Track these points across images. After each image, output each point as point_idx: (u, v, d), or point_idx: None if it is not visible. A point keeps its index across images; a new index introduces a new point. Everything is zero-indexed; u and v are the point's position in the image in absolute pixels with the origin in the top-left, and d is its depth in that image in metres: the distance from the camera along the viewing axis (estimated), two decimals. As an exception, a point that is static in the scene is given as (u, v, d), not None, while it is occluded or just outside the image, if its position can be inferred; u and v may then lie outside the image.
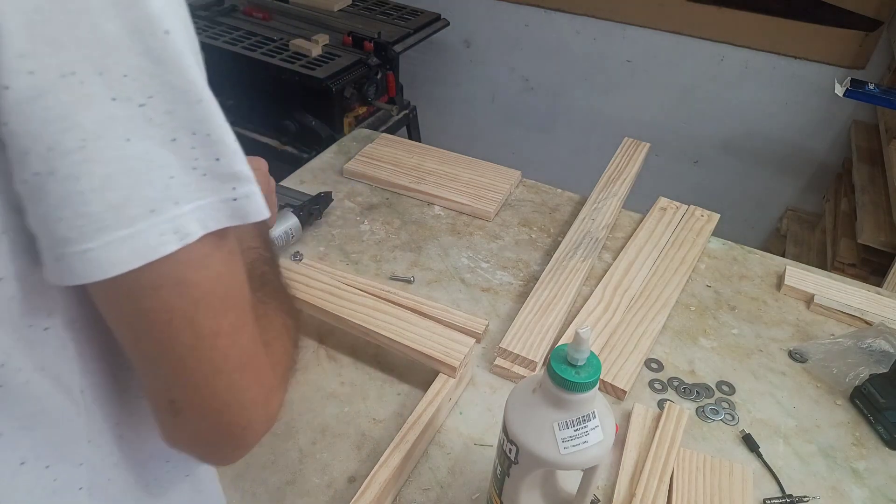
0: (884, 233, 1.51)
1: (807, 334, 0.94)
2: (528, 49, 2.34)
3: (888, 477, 0.75)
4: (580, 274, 0.97)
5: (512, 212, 1.16)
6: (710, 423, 0.80)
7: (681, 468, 0.72)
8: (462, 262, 1.03)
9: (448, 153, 1.27)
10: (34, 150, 0.29)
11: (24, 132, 0.29)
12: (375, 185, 1.19)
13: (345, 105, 1.83)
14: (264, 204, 0.35)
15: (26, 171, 0.30)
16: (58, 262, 0.31)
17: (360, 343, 0.87)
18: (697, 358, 0.89)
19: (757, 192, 2.23)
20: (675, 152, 2.28)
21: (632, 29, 2.14)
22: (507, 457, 0.57)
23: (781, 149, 2.12)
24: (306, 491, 0.69)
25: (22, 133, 0.29)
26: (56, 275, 0.31)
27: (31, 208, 0.30)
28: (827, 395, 0.85)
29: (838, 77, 1.52)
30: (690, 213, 1.13)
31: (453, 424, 0.78)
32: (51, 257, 0.31)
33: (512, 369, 0.83)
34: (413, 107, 2.14)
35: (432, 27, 2.11)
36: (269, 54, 1.80)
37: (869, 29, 1.84)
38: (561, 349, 0.53)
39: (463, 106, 2.60)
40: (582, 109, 2.38)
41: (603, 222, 1.08)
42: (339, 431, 0.76)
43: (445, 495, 0.70)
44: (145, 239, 0.31)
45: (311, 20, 2.07)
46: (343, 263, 1.01)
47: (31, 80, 0.28)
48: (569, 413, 0.54)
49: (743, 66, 2.05)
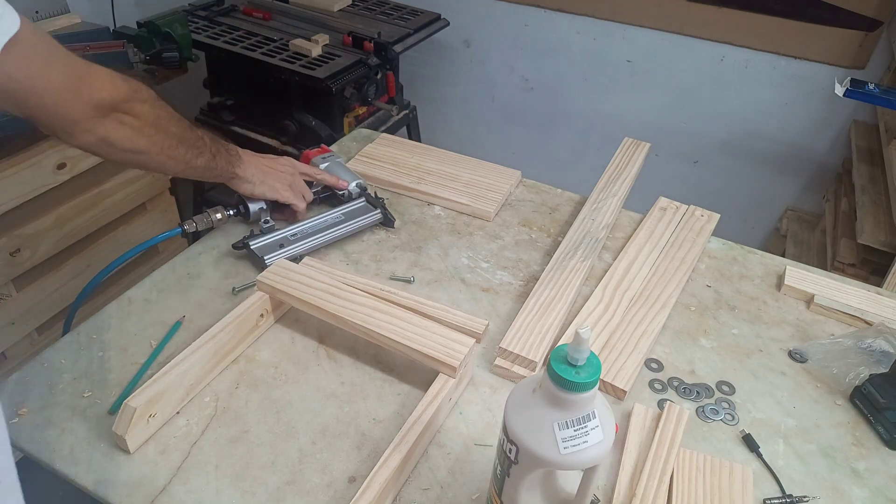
0: (884, 233, 1.50)
1: (807, 334, 0.94)
2: (528, 49, 2.34)
3: (888, 477, 0.75)
4: (580, 274, 0.97)
5: (512, 212, 1.16)
6: (710, 423, 0.80)
7: (681, 468, 0.72)
8: (462, 262, 1.03)
9: (448, 153, 1.27)
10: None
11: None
12: (375, 185, 1.19)
13: (345, 105, 1.83)
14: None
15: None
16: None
17: (360, 343, 0.87)
18: (697, 358, 0.89)
19: (757, 192, 2.23)
20: (675, 152, 2.28)
21: (632, 29, 2.14)
22: (507, 457, 0.57)
23: (781, 149, 2.12)
24: (306, 491, 0.69)
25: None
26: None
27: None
28: (827, 395, 0.85)
29: (838, 77, 1.52)
30: (690, 213, 1.13)
31: (453, 424, 0.78)
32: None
33: (512, 369, 0.83)
34: (413, 107, 2.14)
35: (432, 27, 2.11)
36: (269, 54, 1.80)
37: (869, 29, 1.84)
38: (561, 349, 0.53)
39: (463, 106, 2.60)
40: (582, 109, 2.38)
41: (603, 222, 1.08)
42: (339, 431, 0.76)
43: (445, 495, 0.70)
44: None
45: (311, 20, 2.07)
46: (343, 263, 1.01)
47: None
48: (569, 413, 0.54)
49: (743, 66, 2.05)
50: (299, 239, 1.01)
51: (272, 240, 1.00)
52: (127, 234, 1.63)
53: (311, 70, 1.73)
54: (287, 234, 1.01)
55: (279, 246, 0.99)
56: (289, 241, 1.00)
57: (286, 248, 0.99)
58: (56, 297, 1.49)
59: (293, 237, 1.01)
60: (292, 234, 1.01)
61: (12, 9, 0.60)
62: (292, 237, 1.01)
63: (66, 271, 1.50)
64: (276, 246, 0.99)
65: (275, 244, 0.99)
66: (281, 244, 0.99)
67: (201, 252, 1.01)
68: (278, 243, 1.00)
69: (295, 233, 1.02)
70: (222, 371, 0.82)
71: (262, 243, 0.99)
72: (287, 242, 1.00)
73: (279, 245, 0.99)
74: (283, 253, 0.97)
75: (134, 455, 0.72)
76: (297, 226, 1.03)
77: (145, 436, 0.73)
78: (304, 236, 1.01)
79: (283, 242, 1.00)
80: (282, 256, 0.95)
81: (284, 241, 1.00)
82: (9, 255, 1.35)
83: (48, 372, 0.81)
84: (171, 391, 0.74)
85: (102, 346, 0.85)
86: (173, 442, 0.73)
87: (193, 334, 0.84)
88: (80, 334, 0.86)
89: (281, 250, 0.98)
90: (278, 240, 1.00)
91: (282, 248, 0.98)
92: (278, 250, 0.98)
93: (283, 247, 0.99)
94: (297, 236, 1.01)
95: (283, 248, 0.98)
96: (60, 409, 0.76)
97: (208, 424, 0.76)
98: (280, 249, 0.98)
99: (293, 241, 1.00)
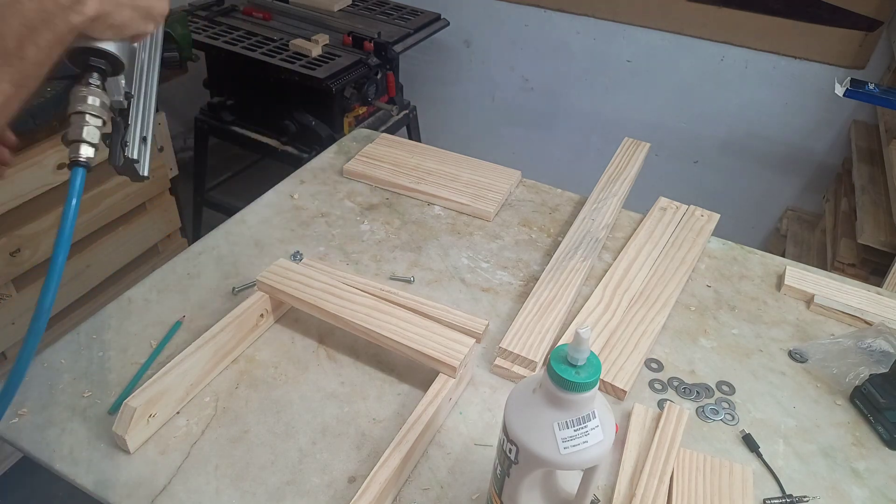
0: (884, 233, 1.50)
1: (807, 334, 0.94)
2: (528, 49, 2.34)
3: (888, 477, 0.75)
4: (580, 274, 0.97)
5: (512, 212, 1.16)
6: (710, 423, 0.80)
7: (681, 468, 0.72)
8: (462, 262, 1.03)
9: (448, 153, 1.27)
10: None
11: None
12: (375, 185, 1.19)
13: (345, 105, 1.84)
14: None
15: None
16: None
17: (360, 343, 0.87)
18: (697, 358, 0.89)
19: (757, 192, 2.23)
20: (675, 152, 2.28)
21: (632, 29, 2.14)
22: (507, 457, 0.57)
23: (781, 149, 2.12)
24: (306, 491, 0.69)
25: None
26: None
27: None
28: (827, 395, 0.85)
29: (838, 77, 1.52)
30: (690, 213, 1.13)
31: (453, 424, 0.78)
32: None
33: (512, 369, 0.83)
34: (413, 107, 2.14)
35: (432, 27, 2.11)
36: (269, 54, 1.80)
37: (869, 29, 1.84)
38: (561, 349, 0.53)
39: (463, 106, 2.60)
40: (582, 109, 2.38)
41: (603, 222, 1.08)
42: (339, 431, 0.76)
43: (445, 495, 0.70)
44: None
45: (311, 20, 2.07)
46: (343, 263, 1.01)
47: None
48: (569, 413, 0.54)
49: (743, 66, 2.05)
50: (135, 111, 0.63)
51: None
52: (127, 234, 1.63)
53: (311, 70, 1.73)
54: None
55: (143, 140, 0.64)
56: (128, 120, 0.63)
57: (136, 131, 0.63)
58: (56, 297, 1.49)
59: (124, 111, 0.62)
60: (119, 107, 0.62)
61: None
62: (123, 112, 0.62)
63: (67, 271, 1.48)
64: (142, 140, 0.64)
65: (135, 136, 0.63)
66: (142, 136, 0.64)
67: (201, 252, 1.01)
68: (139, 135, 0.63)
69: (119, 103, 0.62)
70: (222, 371, 0.82)
71: (136, 146, 0.63)
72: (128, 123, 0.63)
73: (143, 139, 0.64)
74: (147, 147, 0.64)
75: (134, 455, 0.72)
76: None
77: (145, 436, 0.73)
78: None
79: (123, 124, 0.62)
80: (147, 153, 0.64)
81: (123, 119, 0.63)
82: (9, 255, 1.35)
83: (48, 372, 0.81)
84: (171, 391, 0.74)
85: (102, 346, 0.85)
86: (173, 442, 0.73)
87: (193, 334, 0.84)
88: (80, 334, 0.86)
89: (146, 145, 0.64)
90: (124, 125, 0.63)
91: (145, 142, 0.64)
92: (143, 147, 0.64)
93: (145, 140, 0.64)
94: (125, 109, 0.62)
95: (145, 142, 0.64)
96: (60, 409, 0.76)
97: (208, 424, 0.76)
98: (144, 145, 0.64)
99: (139, 124, 0.64)
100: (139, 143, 0.64)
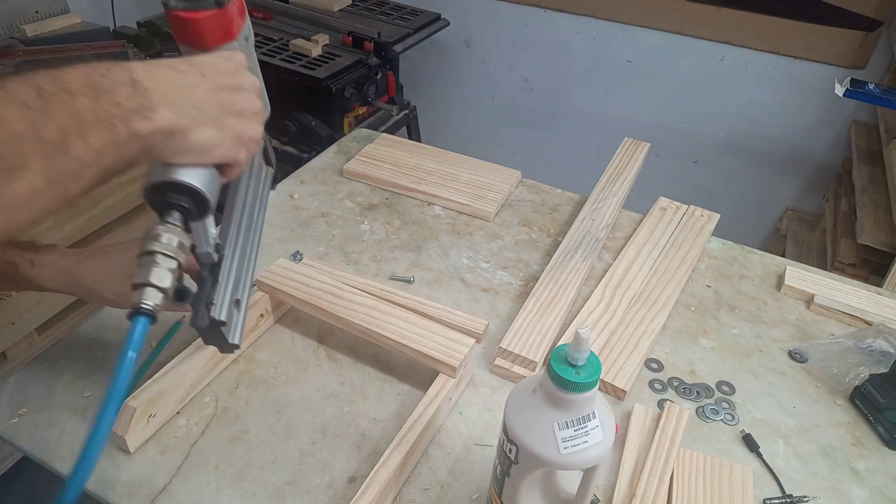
0: (884, 233, 1.50)
1: (807, 334, 0.94)
2: (528, 49, 2.34)
3: (888, 477, 0.75)
4: (580, 274, 0.97)
5: (512, 212, 1.16)
6: (710, 423, 0.80)
7: (681, 468, 0.72)
8: (462, 262, 1.03)
9: (448, 153, 1.27)
10: None
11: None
12: (375, 185, 1.19)
13: (345, 105, 1.84)
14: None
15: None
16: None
17: (360, 343, 0.87)
18: (697, 358, 0.89)
19: (757, 192, 2.23)
20: (675, 152, 2.28)
21: (632, 29, 2.14)
22: (507, 457, 0.57)
23: (781, 149, 2.12)
24: (306, 491, 0.69)
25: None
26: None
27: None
28: (827, 395, 0.85)
29: (838, 77, 1.52)
30: (690, 213, 1.13)
31: (453, 424, 0.78)
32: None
33: (512, 369, 0.83)
34: (413, 107, 2.14)
35: (432, 27, 2.11)
36: (269, 54, 1.80)
37: (869, 29, 1.84)
38: (561, 349, 0.53)
39: (463, 106, 2.60)
40: (582, 109, 2.38)
41: (603, 222, 1.08)
42: (339, 431, 0.76)
43: (445, 495, 0.70)
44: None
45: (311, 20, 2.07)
46: (343, 263, 1.01)
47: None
48: (569, 413, 0.54)
49: (743, 66, 2.05)
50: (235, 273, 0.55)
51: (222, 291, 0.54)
52: (127, 235, 1.63)
53: (311, 70, 1.73)
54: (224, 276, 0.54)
55: (236, 303, 0.55)
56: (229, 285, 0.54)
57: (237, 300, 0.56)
58: (56, 297, 1.49)
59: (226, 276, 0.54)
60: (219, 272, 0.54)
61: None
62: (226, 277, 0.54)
63: (66, 271, 1.50)
64: (234, 303, 0.55)
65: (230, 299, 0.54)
66: (236, 300, 0.56)
67: (201, 252, 1.01)
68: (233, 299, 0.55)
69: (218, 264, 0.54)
70: (222, 371, 0.82)
71: (224, 307, 0.53)
72: (230, 287, 0.55)
73: (236, 302, 0.55)
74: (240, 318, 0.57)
75: (134, 455, 0.72)
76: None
77: (145, 436, 0.73)
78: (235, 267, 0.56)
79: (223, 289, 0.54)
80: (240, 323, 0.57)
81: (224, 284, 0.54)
82: (9, 255, 1.35)
83: (48, 372, 0.81)
84: (171, 391, 0.74)
85: (102, 346, 0.85)
86: (173, 442, 0.73)
87: (193, 334, 0.84)
88: (80, 334, 0.86)
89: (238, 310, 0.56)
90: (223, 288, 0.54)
91: (238, 305, 0.56)
92: (235, 311, 0.55)
93: (238, 304, 0.56)
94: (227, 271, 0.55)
95: (238, 306, 0.56)
96: (60, 409, 0.76)
97: (208, 424, 0.76)
98: (236, 308, 0.56)
99: (231, 282, 0.55)
100: (229, 305, 0.53)
